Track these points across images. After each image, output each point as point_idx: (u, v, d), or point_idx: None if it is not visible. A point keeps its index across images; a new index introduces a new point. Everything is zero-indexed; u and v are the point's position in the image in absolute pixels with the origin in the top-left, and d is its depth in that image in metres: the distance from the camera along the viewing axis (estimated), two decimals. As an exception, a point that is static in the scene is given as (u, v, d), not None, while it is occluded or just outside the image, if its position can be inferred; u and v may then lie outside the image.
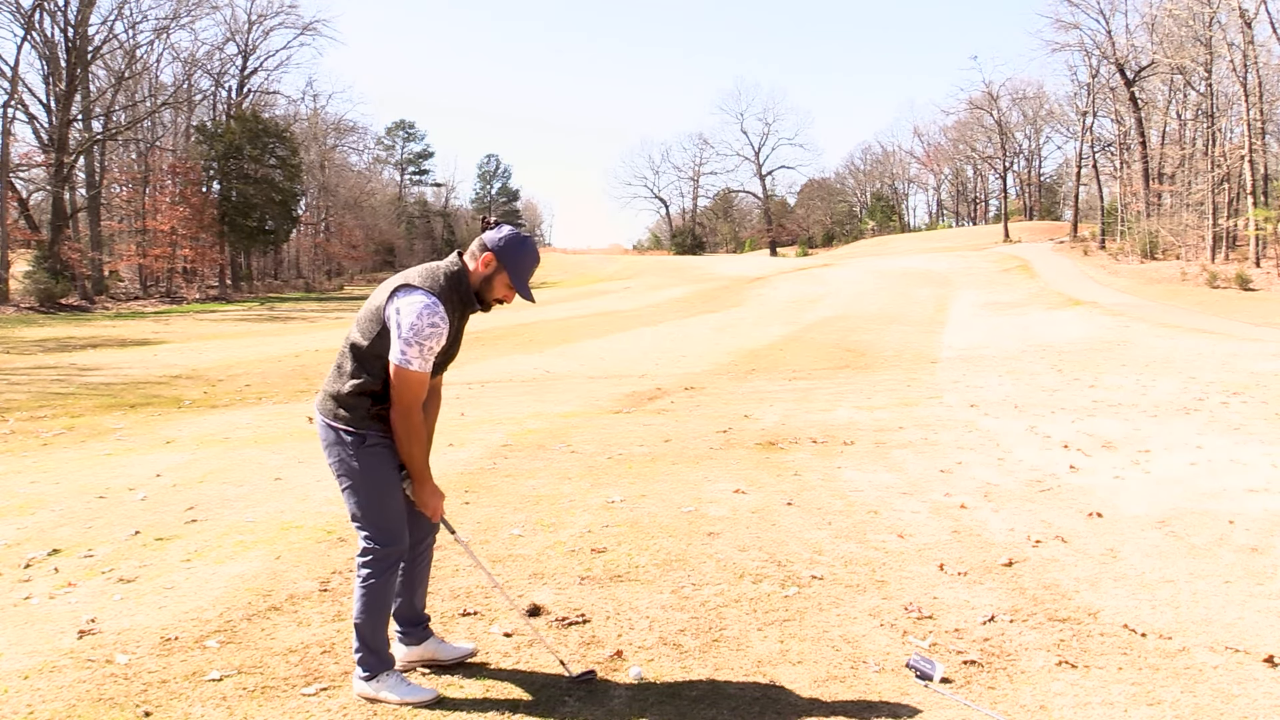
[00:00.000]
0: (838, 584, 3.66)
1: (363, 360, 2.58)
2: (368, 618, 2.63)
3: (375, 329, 2.55)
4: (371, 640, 2.64)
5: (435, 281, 2.57)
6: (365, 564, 2.62)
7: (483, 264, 2.61)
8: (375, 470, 2.61)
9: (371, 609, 2.62)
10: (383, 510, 2.62)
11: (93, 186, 35.98)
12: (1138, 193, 40.23)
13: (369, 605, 2.62)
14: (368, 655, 2.64)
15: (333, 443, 2.62)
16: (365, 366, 2.58)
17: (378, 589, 2.62)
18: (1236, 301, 24.49)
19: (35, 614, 3.33)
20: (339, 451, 2.61)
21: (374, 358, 2.57)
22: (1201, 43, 33.34)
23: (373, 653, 2.65)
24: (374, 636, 2.65)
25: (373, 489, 2.61)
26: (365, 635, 2.63)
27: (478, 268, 2.62)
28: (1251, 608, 3.37)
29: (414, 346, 2.48)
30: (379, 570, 2.62)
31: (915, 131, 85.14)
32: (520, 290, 2.65)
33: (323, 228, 55.52)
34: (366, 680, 2.65)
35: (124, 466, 6.14)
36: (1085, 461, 6.09)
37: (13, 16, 31.86)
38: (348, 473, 2.61)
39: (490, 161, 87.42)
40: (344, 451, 2.60)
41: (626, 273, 51.11)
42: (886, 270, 39.48)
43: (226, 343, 18.72)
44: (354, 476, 2.60)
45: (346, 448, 2.59)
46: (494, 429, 7.59)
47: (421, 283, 2.54)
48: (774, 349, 17.17)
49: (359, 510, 2.62)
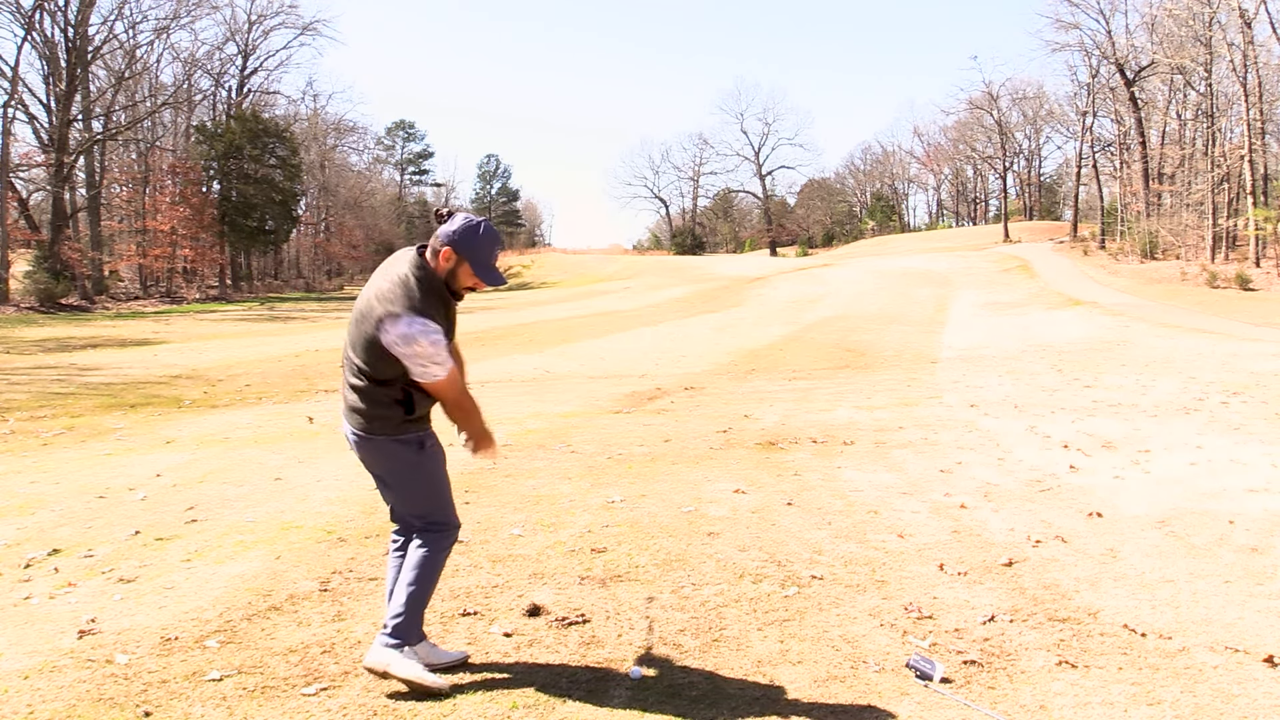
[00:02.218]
0: (838, 584, 3.66)
1: (385, 384, 2.65)
2: (422, 587, 2.74)
3: (381, 356, 2.59)
4: (418, 610, 2.75)
5: (413, 298, 2.57)
6: (430, 541, 2.78)
7: (444, 259, 2.63)
8: (437, 465, 2.79)
9: (428, 581, 2.77)
10: (444, 497, 2.83)
11: (93, 186, 35.98)
12: (1138, 193, 40.22)
13: (427, 577, 2.76)
14: (407, 623, 2.71)
15: (391, 454, 2.72)
16: (389, 388, 2.66)
17: (439, 563, 2.80)
18: (1236, 301, 24.49)
19: (35, 614, 3.33)
20: (400, 460, 2.72)
21: (392, 380, 2.65)
22: (1201, 43, 33.33)
23: (412, 623, 2.73)
24: (422, 607, 2.77)
25: (435, 483, 2.80)
26: (416, 603, 2.73)
27: (439, 264, 2.64)
28: (1251, 608, 3.37)
29: (429, 364, 2.56)
30: (443, 546, 2.81)
31: (915, 131, 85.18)
32: (484, 277, 2.66)
33: (323, 228, 55.53)
34: (395, 648, 2.66)
35: (124, 466, 6.14)
36: (1085, 461, 6.08)
37: (13, 16, 31.88)
38: (411, 476, 2.76)
39: (490, 161, 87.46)
40: (406, 459, 2.72)
41: (626, 273, 51.10)
42: (886, 270, 39.47)
43: (226, 343, 18.72)
44: (419, 478, 2.76)
45: (407, 455, 2.72)
46: (494, 429, 7.57)
47: (404, 307, 2.54)
48: (774, 349, 17.17)
49: (426, 505, 2.80)
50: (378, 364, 2.61)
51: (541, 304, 33.32)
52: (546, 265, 62.42)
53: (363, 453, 2.74)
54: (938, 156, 79.98)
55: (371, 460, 2.76)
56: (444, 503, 2.82)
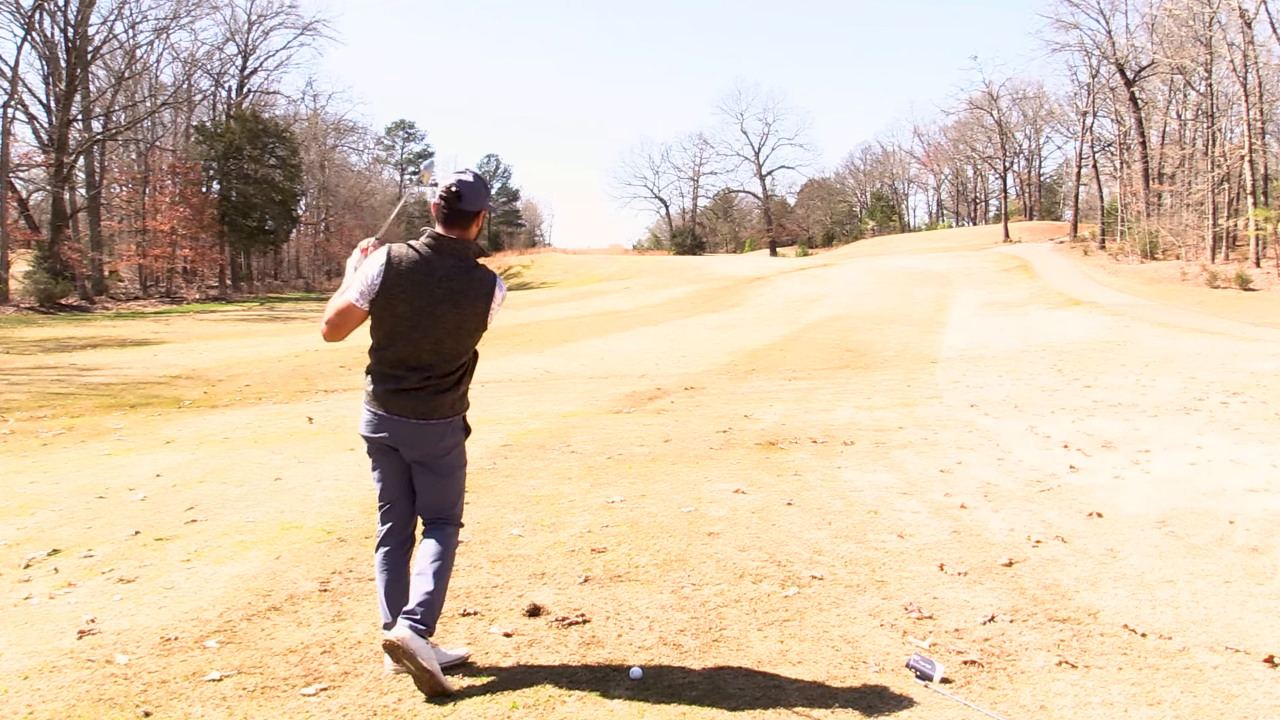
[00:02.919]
0: (838, 584, 3.66)
1: (471, 358, 2.88)
2: (446, 579, 2.83)
3: (481, 328, 2.83)
4: (441, 602, 2.80)
5: (481, 257, 2.84)
6: (451, 535, 2.90)
7: (480, 221, 2.85)
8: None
9: (450, 569, 2.88)
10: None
11: (93, 186, 35.98)
12: (1138, 193, 40.22)
13: (450, 566, 2.87)
14: (433, 612, 2.74)
15: (456, 439, 2.87)
16: (469, 359, 2.87)
17: (454, 559, 2.92)
18: (1236, 301, 24.50)
19: (35, 614, 3.33)
20: (457, 441, 2.88)
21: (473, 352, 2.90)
22: (1201, 43, 33.34)
23: (437, 614, 2.78)
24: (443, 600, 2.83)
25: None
26: (442, 593, 2.79)
27: (476, 228, 2.84)
28: (1251, 608, 3.37)
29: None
30: (456, 541, 2.95)
31: (915, 131, 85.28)
32: (441, 189, 2.78)
33: (323, 228, 55.53)
34: (424, 634, 2.66)
35: (124, 466, 6.14)
36: (1085, 461, 6.08)
37: (13, 16, 31.91)
38: (462, 463, 2.93)
39: (490, 161, 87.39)
40: (459, 440, 2.89)
41: (626, 273, 51.09)
42: (886, 270, 39.47)
43: (226, 343, 18.72)
44: (463, 461, 2.93)
45: (460, 436, 2.89)
46: (494, 429, 7.59)
47: (485, 269, 2.82)
48: (774, 349, 17.17)
49: (460, 490, 2.95)
50: (475, 339, 2.84)
51: (541, 304, 33.31)
52: (546, 265, 62.39)
53: (428, 439, 2.79)
54: (938, 156, 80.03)
55: (432, 444, 2.81)
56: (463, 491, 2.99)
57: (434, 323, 2.72)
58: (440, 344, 2.74)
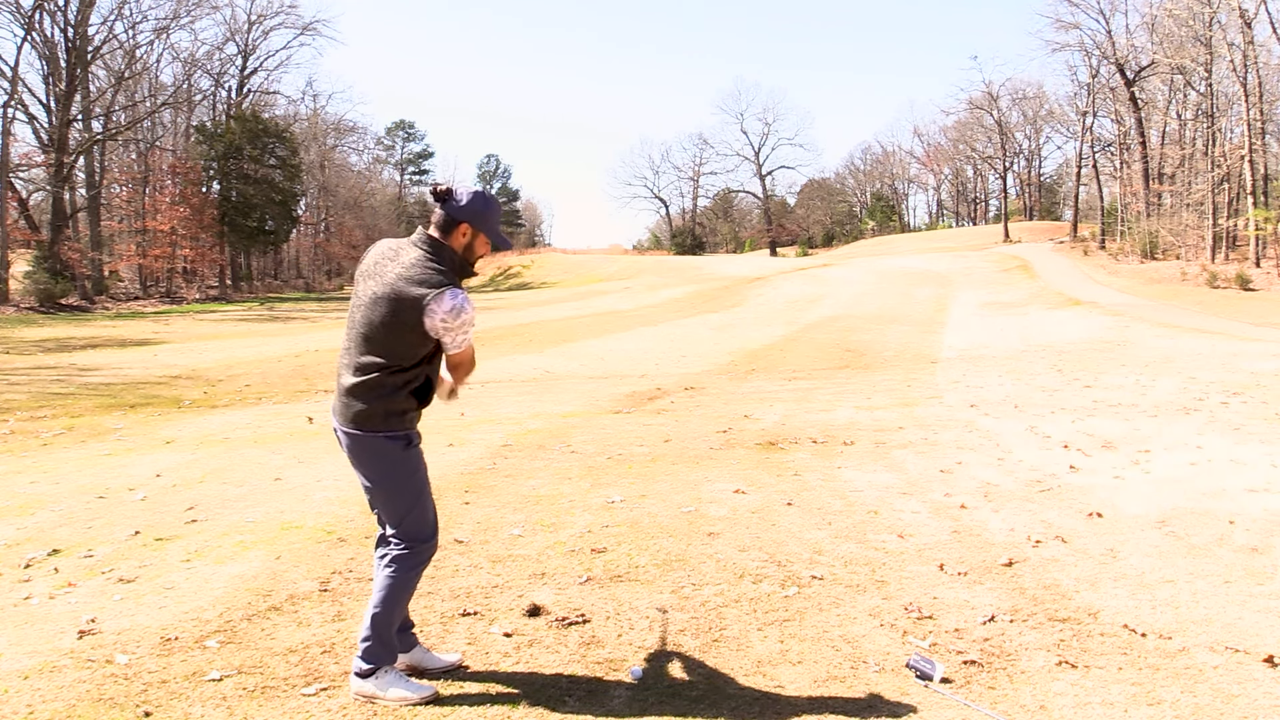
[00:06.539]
0: (838, 584, 3.66)
1: (403, 371, 2.60)
2: (386, 610, 2.66)
3: (411, 341, 2.56)
4: (385, 632, 2.68)
5: (444, 272, 2.58)
6: (400, 558, 2.67)
7: (461, 235, 2.66)
8: (418, 469, 2.70)
9: (394, 601, 2.68)
10: (424, 508, 2.72)
11: (93, 186, 35.97)
12: (1138, 193, 40.22)
13: (393, 598, 2.67)
14: (376, 645, 2.65)
15: (376, 452, 2.63)
16: (405, 375, 2.61)
17: (407, 582, 2.70)
18: (1236, 301, 24.49)
19: (35, 614, 3.33)
20: (388, 458, 2.63)
21: (414, 366, 2.61)
22: (1201, 43, 33.33)
23: (383, 644, 2.67)
24: (389, 628, 2.69)
25: (418, 484, 2.69)
26: (381, 626, 2.66)
27: (457, 239, 2.66)
28: (1251, 608, 3.37)
29: (469, 330, 2.60)
30: (413, 564, 2.69)
31: (915, 131, 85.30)
32: (497, 243, 2.74)
33: (323, 228, 55.56)
34: (366, 676, 2.64)
35: (124, 466, 6.14)
36: (1085, 461, 6.08)
37: (13, 16, 31.90)
38: (393, 477, 2.66)
39: (490, 161, 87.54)
40: (391, 456, 2.63)
41: (626, 273, 51.10)
42: (886, 270, 39.47)
43: (226, 343, 18.72)
44: (400, 480, 2.66)
45: (393, 452, 2.63)
46: (494, 429, 7.58)
47: (443, 283, 2.54)
48: (774, 349, 17.17)
49: (403, 509, 2.68)
50: (404, 350, 2.56)
51: (541, 304, 33.32)
52: (546, 265, 62.39)
53: (353, 451, 2.65)
54: (938, 156, 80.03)
55: (360, 458, 2.66)
56: (423, 509, 2.70)
57: (356, 301, 2.67)
58: (353, 325, 2.65)
